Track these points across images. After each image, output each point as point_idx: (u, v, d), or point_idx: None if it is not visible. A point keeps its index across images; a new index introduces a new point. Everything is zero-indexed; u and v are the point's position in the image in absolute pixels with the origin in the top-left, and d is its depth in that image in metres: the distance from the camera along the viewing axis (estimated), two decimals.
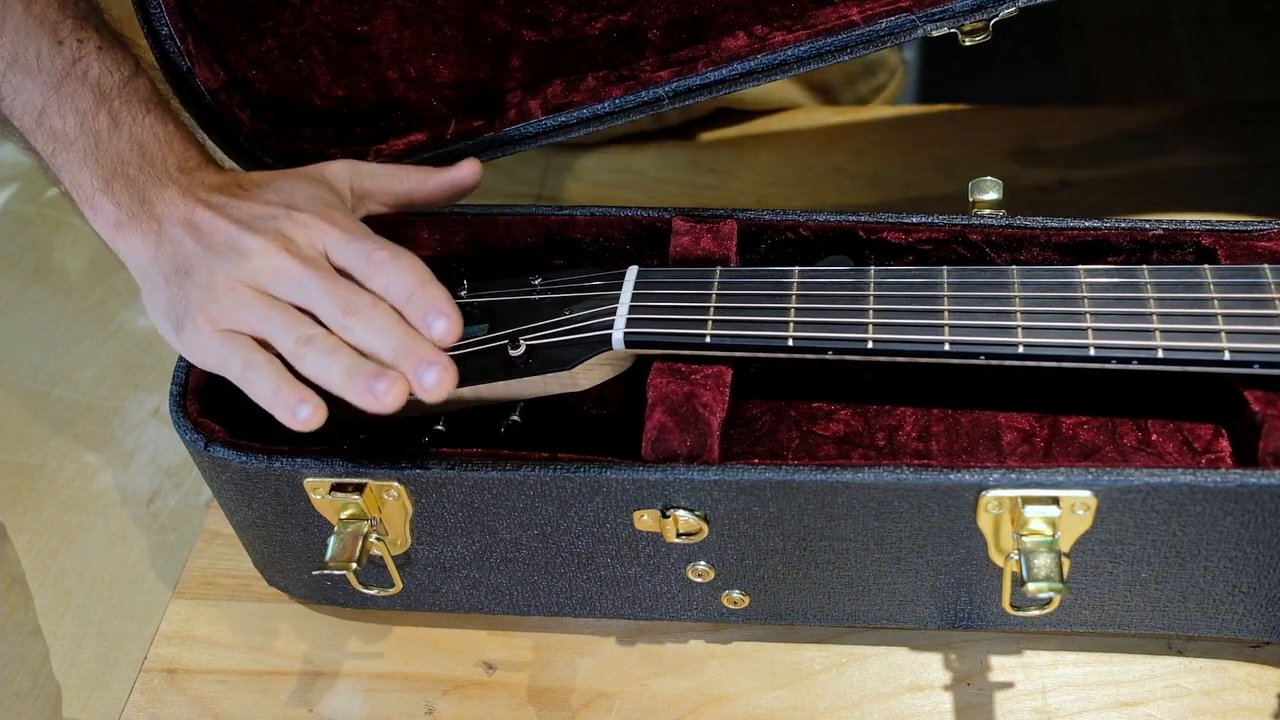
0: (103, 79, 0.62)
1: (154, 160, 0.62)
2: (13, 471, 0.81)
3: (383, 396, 0.54)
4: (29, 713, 0.67)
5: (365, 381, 0.55)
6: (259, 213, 0.60)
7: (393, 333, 0.56)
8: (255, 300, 0.58)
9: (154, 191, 0.61)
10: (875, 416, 0.66)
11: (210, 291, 0.58)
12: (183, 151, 0.63)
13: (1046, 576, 0.54)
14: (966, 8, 0.65)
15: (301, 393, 0.56)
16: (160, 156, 0.62)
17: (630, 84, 0.70)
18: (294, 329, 0.57)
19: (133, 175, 0.61)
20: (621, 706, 0.64)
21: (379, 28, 0.71)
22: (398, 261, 0.58)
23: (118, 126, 0.62)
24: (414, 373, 0.55)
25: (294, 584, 0.68)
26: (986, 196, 0.69)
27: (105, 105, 0.62)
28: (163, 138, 0.63)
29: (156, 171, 0.61)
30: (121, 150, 0.61)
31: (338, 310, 0.57)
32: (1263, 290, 0.57)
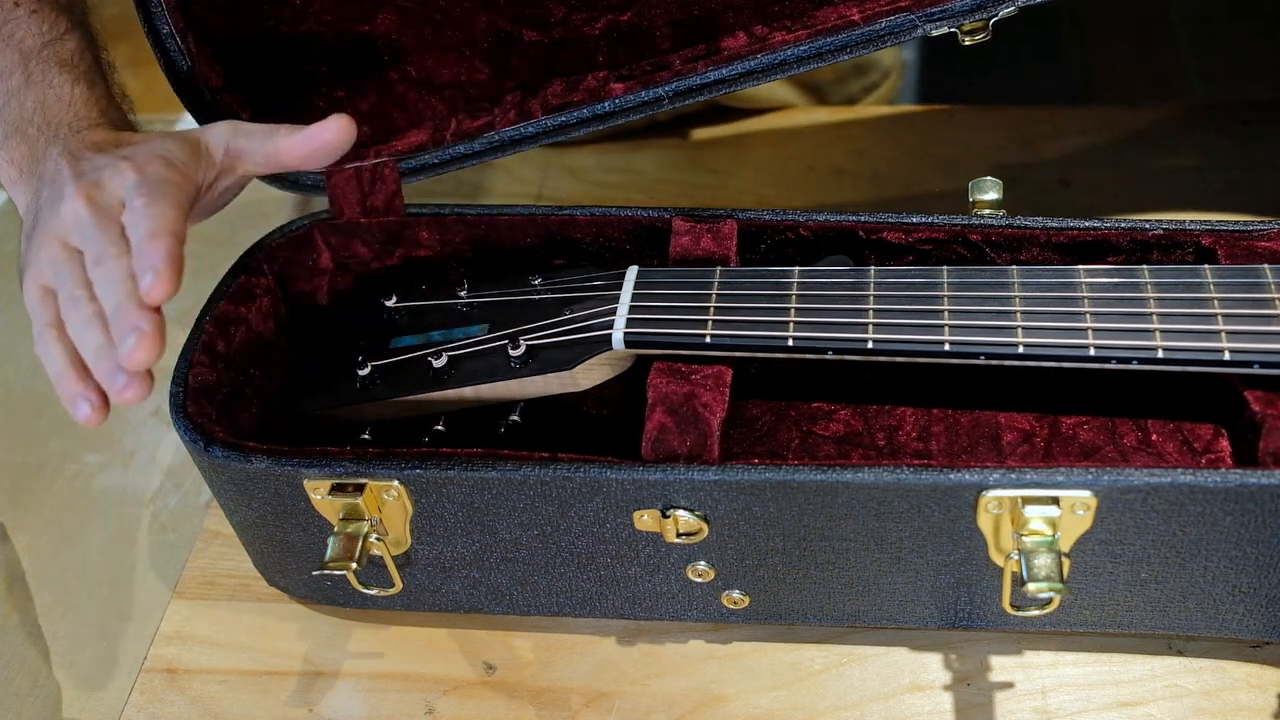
0: (25, 39, 0.64)
1: (52, 120, 0.62)
2: (13, 471, 0.81)
3: (120, 392, 0.54)
4: (29, 713, 0.67)
5: (106, 371, 0.54)
6: (97, 163, 0.59)
7: (115, 290, 0.54)
8: (56, 252, 0.57)
9: (42, 150, 0.62)
10: (875, 416, 0.66)
11: (38, 244, 0.58)
12: (83, 111, 0.63)
13: (1046, 576, 0.54)
14: (966, 7, 0.65)
15: (82, 387, 0.55)
16: (58, 117, 0.62)
17: (630, 84, 0.70)
18: (70, 286, 0.56)
19: (30, 134, 0.62)
20: (621, 706, 0.64)
21: (379, 28, 0.71)
22: (146, 210, 0.55)
23: (29, 86, 0.63)
24: (119, 337, 0.53)
25: (294, 584, 0.68)
26: (986, 196, 0.69)
27: (23, 65, 0.63)
28: (67, 98, 0.63)
29: (50, 131, 0.62)
30: (26, 109, 0.62)
31: (91, 259, 0.56)
32: (1263, 290, 0.57)
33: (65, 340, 0.56)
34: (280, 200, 0.85)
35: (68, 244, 0.57)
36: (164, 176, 0.58)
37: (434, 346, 0.65)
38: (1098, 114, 0.98)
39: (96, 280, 0.55)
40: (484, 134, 0.72)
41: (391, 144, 0.73)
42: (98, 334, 0.54)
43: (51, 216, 0.58)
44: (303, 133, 0.64)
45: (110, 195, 0.58)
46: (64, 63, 0.64)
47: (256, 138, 0.65)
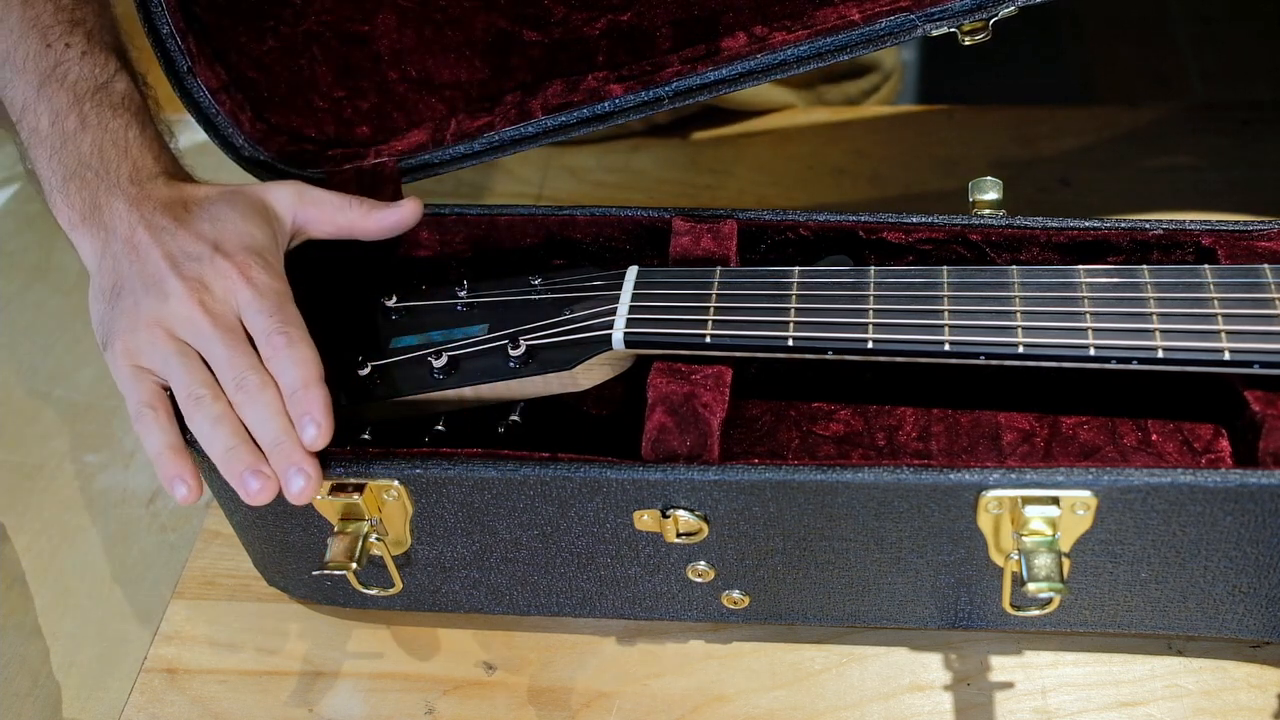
0: (79, 82, 0.64)
1: (109, 166, 0.63)
2: (13, 471, 0.81)
3: (255, 494, 0.57)
4: (29, 713, 0.67)
5: (240, 471, 0.57)
6: (189, 249, 0.62)
7: (272, 424, 0.58)
8: (165, 343, 0.60)
9: (104, 198, 0.63)
10: (875, 416, 0.66)
11: (132, 322, 0.60)
12: (139, 159, 0.64)
13: (1046, 576, 0.54)
14: (966, 7, 0.65)
15: (180, 469, 0.58)
16: (116, 163, 0.64)
17: (630, 84, 0.70)
18: (188, 383, 0.59)
19: (89, 179, 0.63)
20: (621, 706, 0.64)
21: (380, 28, 0.71)
22: (290, 353, 0.59)
23: (84, 129, 0.64)
24: (283, 473, 0.57)
25: (294, 584, 0.68)
26: (986, 196, 0.69)
27: (77, 107, 0.64)
28: (123, 143, 0.64)
29: (110, 179, 0.63)
30: (83, 152, 0.63)
31: (231, 381, 0.59)
32: (1263, 290, 0.57)
33: (165, 423, 0.59)
34: None
35: (177, 337, 0.60)
36: (276, 289, 0.61)
37: (434, 346, 0.65)
38: (1098, 114, 0.98)
39: (244, 405, 0.58)
40: (484, 134, 0.72)
41: (391, 144, 0.73)
42: (228, 434, 0.58)
43: (152, 305, 0.60)
44: (383, 213, 0.68)
45: (223, 304, 0.61)
46: (116, 105, 0.65)
47: (326, 207, 0.67)
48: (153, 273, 0.61)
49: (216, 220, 0.63)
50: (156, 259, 0.61)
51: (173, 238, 0.62)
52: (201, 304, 0.60)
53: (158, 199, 0.63)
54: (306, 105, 0.73)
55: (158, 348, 0.60)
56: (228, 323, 0.60)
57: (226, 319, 0.60)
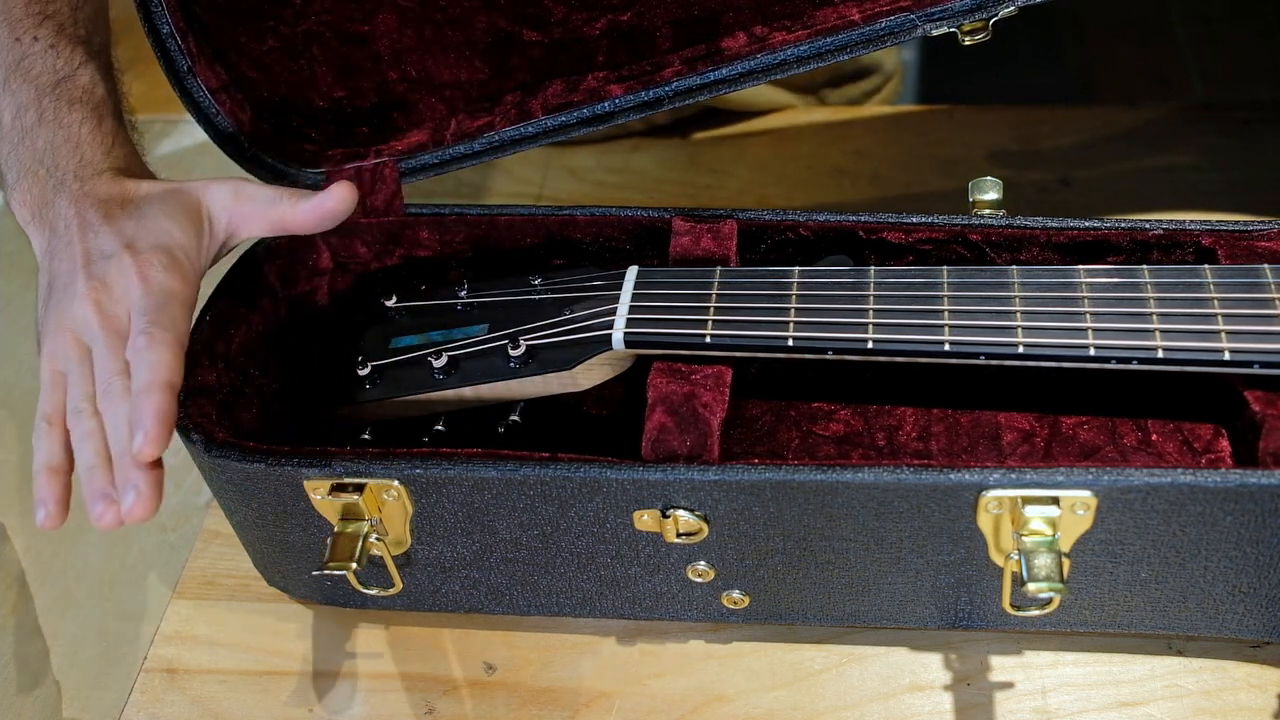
0: (41, 75, 0.64)
1: (60, 163, 0.63)
2: (13, 471, 0.81)
3: (99, 518, 0.56)
4: (29, 713, 0.67)
5: (92, 494, 0.56)
6: (104, 246, 0.61)
7: (119, 434, 0.56)
8: (71, 348, 0.59)
9: (52, 195, 0.62)
10: (875, 416, 0.66)
11: (55, 323, 0.60)
12: (89, 154, 0.64)
13: (1046, 576, 0.54)
14: (966, 7, 0.65)
15: (46, 493, 0.57)
16: (66, 159, 0.63)
17: (630, 84, 0.70)
18: (75, 396, 0.58)
19: (40, 176, 0.62)
20: (621, 706, 0.64)
21: (380, 28, 0.71)
22: (146, 354, 0.57)
23: (41, 124, 0.63)
24: (120, 489, 0.55)
25: (294, 584, 0.68)
26: (986, 196, 0.69)
27: (37, 102, 0.63)
28: (75, 139, 0.63)
29: (59, 175, 0.62)
30: (38, 149, 0.63)
31: (100, 388, 0.58)
32: (1263, 290, 0.57)
33: (52, 440, 0.59)
34: None
35: (80, 341, 0.59)
36: (168, 289, 0.59)
37: (434, 346, 0.65)
38: (1098, 114, 0.98)
39: (103, 410, 0.57)
40: (484, 134, 0.72)
41: (391, 144, 0.73)
42: (90, 453, 0.56)
43: (66, 306, 0.59)
44: (308, 202, 0.66)
45: (117, 303, 0.59)
46: (75, 100, 0.64)
47: (260, 202, 0.66)
48: (69, 271, 0.60)
49: (141, 217, 0.62)
50: (75, 257, 0.60)
51: (95, 235, 0.61)
52: (97, 304, 0.58)
53: (97, 196, 0.62)
54: (306, 105, 0.73)
55: (67, 352, 0.59)
56: (115, 324, 0.58)
57: (115, 320, 0.58)
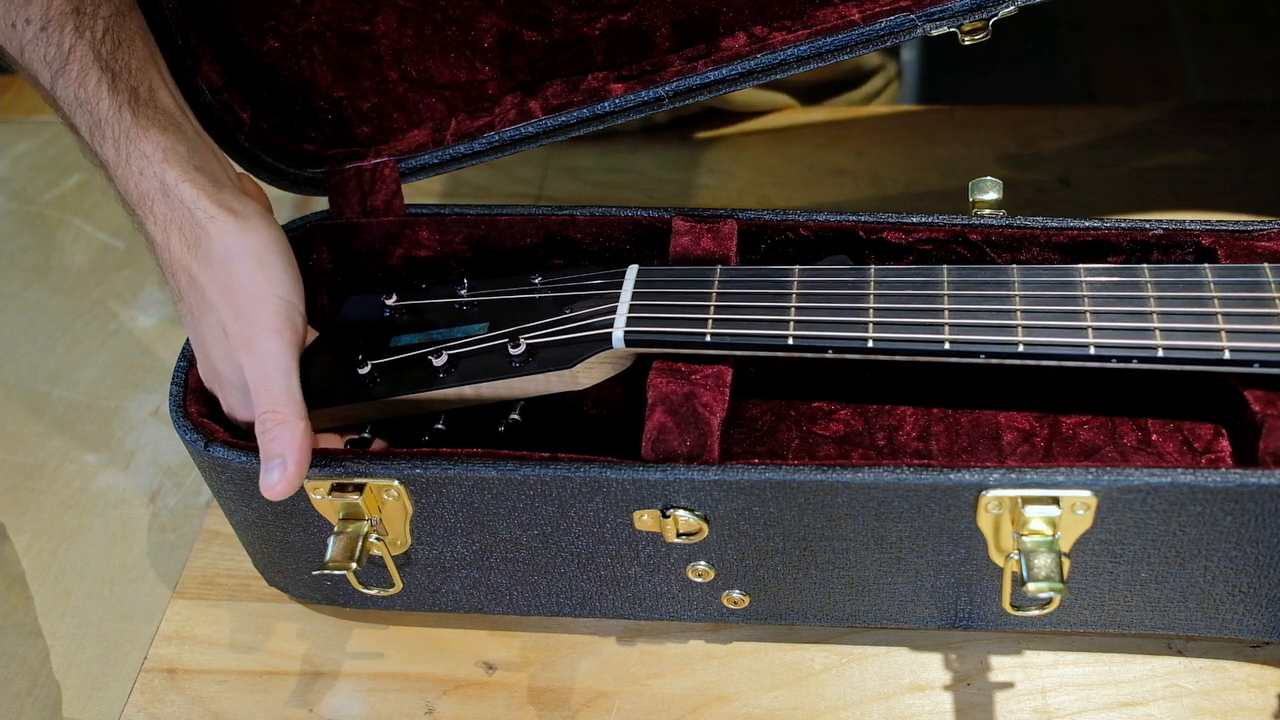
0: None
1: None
2: (13, 471, 0.81)
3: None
4: (29, 713, 0.67)
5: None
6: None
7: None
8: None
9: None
10: (875, 416, 0.66)
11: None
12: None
13: (1046, 576, 0.54)
14: (966, 7, 0.65)
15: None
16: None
17: (630, 84, 0.70)
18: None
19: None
20: (621, 706, 0.64)
21: (380, 28, 0.71)
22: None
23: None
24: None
25: (294, 584, 0.68)
26: (986, 196, 0.69)
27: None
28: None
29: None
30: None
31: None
32: (1263, 290, 0.57)
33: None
34: (280, 200, 0.84)
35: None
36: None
37: (434, 345, 0.65)
38: (1098, 114, 0.98)
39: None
40: (484, 134, 0.72)
41: (391, 144, 0.73)
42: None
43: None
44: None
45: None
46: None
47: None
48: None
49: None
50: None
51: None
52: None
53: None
54: (306, 105, 0.73)
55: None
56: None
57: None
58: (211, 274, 0.60)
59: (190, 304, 0.62)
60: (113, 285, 0.94)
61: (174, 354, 0.65)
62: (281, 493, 0.58)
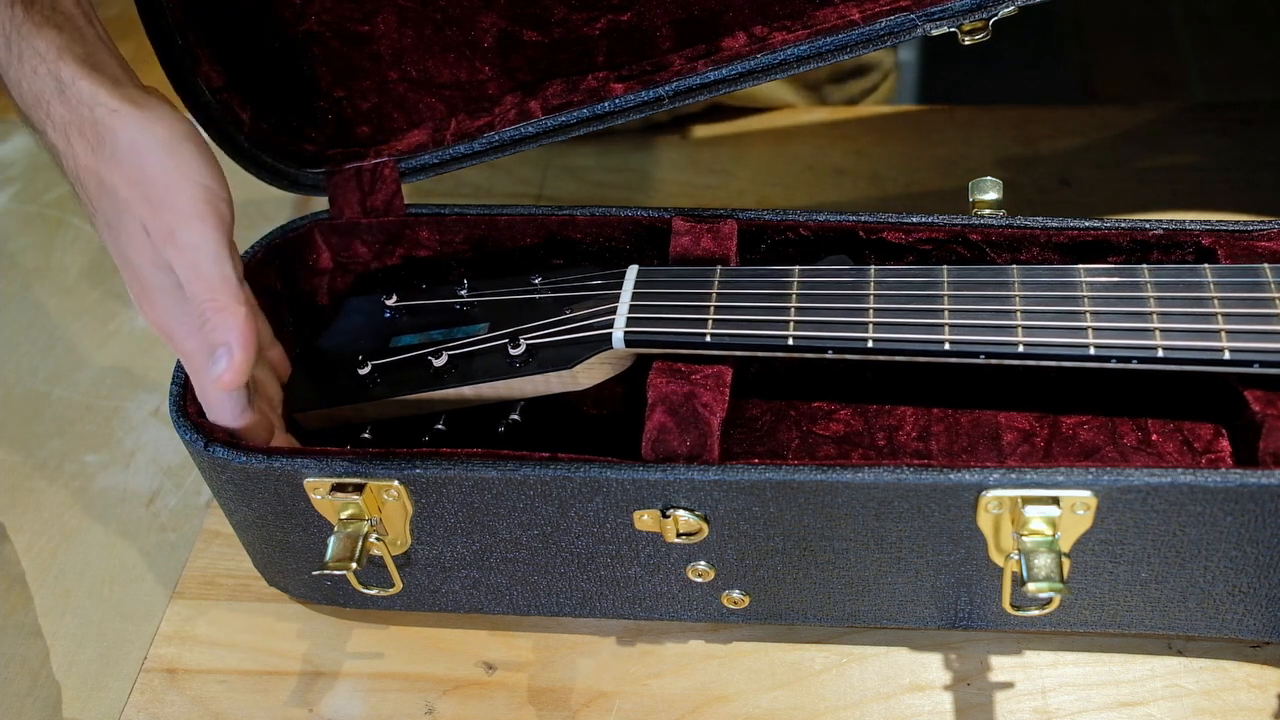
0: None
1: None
2: (13, 471, 0.81)
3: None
4: (29, 713, 0.67)
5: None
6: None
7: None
8: None
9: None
10: (875, 416, 0.66)
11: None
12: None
13: (1046, 576, 0.54)
14: (966, 7, 0.65)
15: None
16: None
17: (630, 84, 0.70)
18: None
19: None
20: (621, 706, 0.64)
21: (380, 28, 0.71)
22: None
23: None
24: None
25: (294, 584, 0.68)
26: (986, 196, 0.69)
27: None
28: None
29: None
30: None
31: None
32: (1263, 290, 0.57)
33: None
34: (280, 200, 0.85)
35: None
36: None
37: (434, 345, 0.65)
38: (1098, 114, 0.98)
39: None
40: (484, 134, 0.72)
41: (391, 144, 0.73)
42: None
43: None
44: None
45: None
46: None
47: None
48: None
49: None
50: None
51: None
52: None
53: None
54: (306, 105, 0.73)
55: None
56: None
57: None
58: (120, 171, 0.57)
59: (105, 212, 0.58)
60: (113, 285, 0.94)
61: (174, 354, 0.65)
62: (229, 382, 0.56)
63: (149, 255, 0.58)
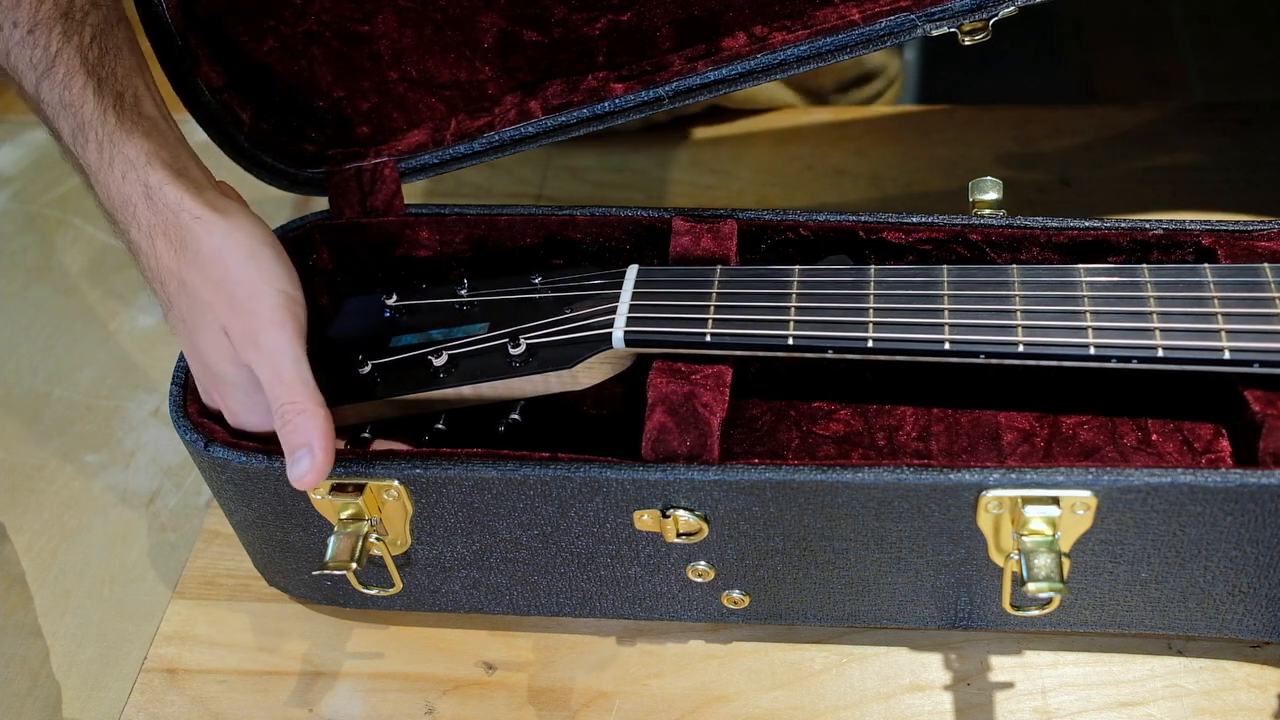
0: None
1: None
2: (13, 471, 0.81)
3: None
4: (29, 713, 0.67)
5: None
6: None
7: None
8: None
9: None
10: (875, 416, 0.66)
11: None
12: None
13: (1046, 576, 0.54)
14: (966, 7, 0.65)
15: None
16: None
17: (630, 84, 0.70)
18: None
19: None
20: (621, 706, 0.64)
21: (380, 28, 0.71)
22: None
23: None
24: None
25: (294, 584, 0.68)
26: (986, 196, 0.69)
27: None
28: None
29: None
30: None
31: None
32: (1263, 290, 0.57)
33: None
34: (280, 200, 0.84)
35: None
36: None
37: (434, 345, 0.65)
38: (1098, 114, 0.98)
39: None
40: (484, 134, 0.72)
41: (391, 144, 0.73)
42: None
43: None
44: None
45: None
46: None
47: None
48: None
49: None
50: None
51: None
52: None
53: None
54: (306, 105, 0.73)
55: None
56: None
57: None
58: (203, 274, 0.59)
59: (181, 310, 0.61)
60: (113, 285, 0.94)
61: (174, 354, 0.65)
62: (312, 482, 0.57)
63: (227, 355, 0.60)
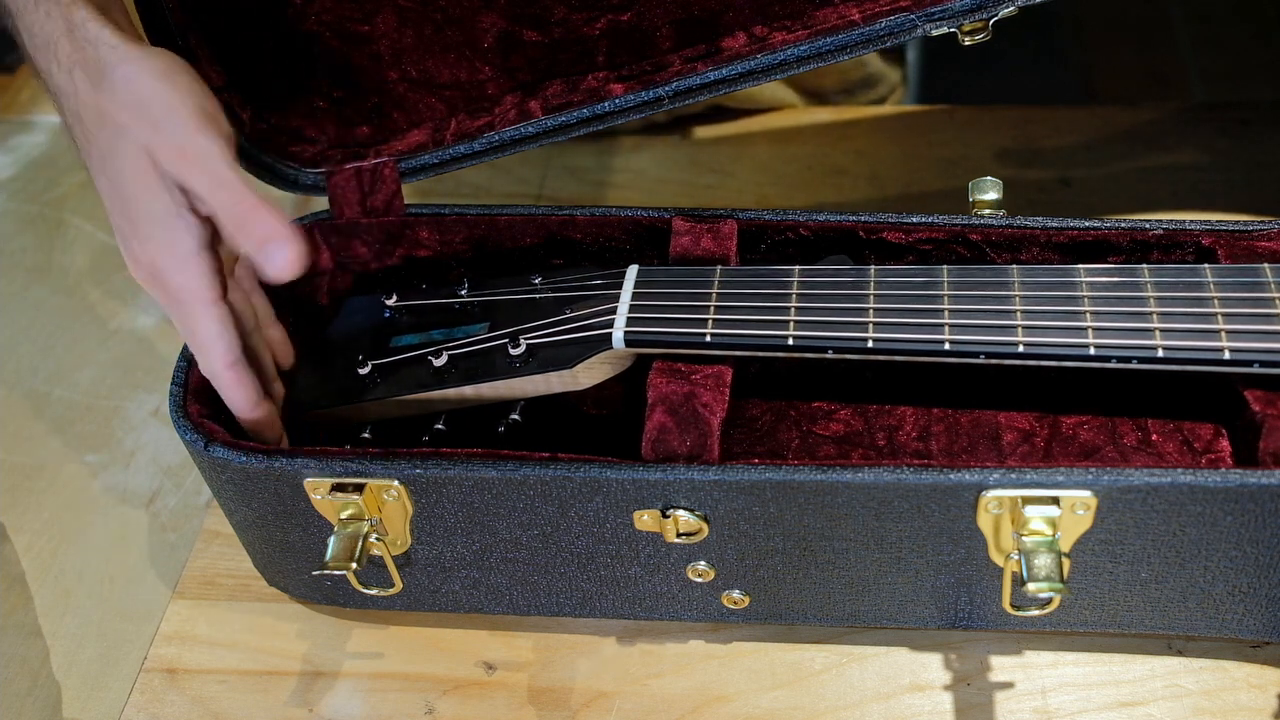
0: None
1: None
2: (13, 471, 0.81)
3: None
4: (29, 713, 0.67)
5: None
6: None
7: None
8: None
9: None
10: (875, 416, 0.66)
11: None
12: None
13: (1046, 576, 0.54)
14: (966, 7, 0.65)
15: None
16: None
17: (630, 84, 0.70)
18: None
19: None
20: (621, 706, 0.64)
21: (380, 28, 0.71)
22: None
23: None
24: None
25: (294, 584, 0.68)
26: (986, 196, 0.69)
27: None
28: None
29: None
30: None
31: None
32: (1263, 290, 0.57)
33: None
34: (280, 200, 0.85)
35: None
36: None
37: (434, 345, 0.65)
38: (1098, 114, 0.98)
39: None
40: (484, 134, 0.72)
41: (391, 144, 0.73)
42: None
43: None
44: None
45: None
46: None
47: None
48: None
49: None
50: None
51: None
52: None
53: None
54: (306, 105, 0.73)
55: None
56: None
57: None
58: (119, 99, 0.58)
59: (101, 146, 0.59)
60: (113, 285, 0.94)
61: (174, 354, 0.65)
62: (296, 267, 0.55)
63: (150, 179, 0.58)
